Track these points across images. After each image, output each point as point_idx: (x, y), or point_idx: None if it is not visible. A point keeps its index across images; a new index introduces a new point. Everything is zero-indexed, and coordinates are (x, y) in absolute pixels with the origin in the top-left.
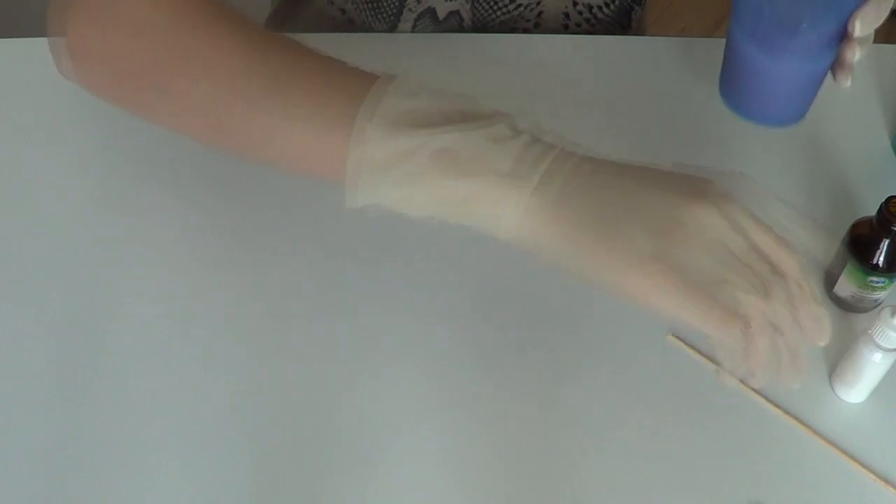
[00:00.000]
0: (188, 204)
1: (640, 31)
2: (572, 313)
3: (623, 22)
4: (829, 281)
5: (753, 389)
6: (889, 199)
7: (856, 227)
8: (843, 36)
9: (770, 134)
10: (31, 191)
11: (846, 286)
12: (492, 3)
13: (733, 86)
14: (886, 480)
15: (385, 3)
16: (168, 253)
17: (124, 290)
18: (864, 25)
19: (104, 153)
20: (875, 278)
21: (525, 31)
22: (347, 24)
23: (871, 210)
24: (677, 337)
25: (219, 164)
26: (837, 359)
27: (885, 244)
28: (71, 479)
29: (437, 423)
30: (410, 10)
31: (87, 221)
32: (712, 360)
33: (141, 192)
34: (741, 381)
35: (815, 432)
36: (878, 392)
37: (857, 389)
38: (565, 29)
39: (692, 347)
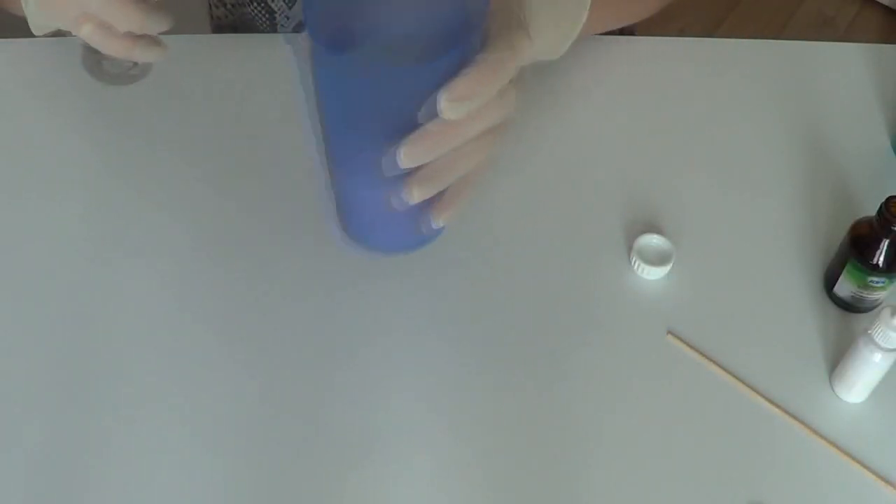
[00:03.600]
0: (187, 204)
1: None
2: (572, 313)
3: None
4: (829, 281)
5: (754, 389)
6: (889, 199)
7: (856, 227)
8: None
9: (770, 133)
10: (30, 190)
11: (846, 286)
12: None
13: (341, 214)
14: (886, 480)
15: (259, 24)
16: (167, 253)
17: (123, 290)
18: (408, 157)
19: (104, 153)
20: (875, 278)
21: None
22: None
23: (871, 210)
24: (677, 337)
25: (219, 165)
26: (837, 359)
27: (885, 244)
28: (70, 479)
29: (435, 424)
30: (283, 25)
31: (87, 221)
32: (712, 359)
33: (141, 192)
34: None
35: (815, 432)
36: (878, 392)
37: (857, 389)
38: None
39: (692, 347)
